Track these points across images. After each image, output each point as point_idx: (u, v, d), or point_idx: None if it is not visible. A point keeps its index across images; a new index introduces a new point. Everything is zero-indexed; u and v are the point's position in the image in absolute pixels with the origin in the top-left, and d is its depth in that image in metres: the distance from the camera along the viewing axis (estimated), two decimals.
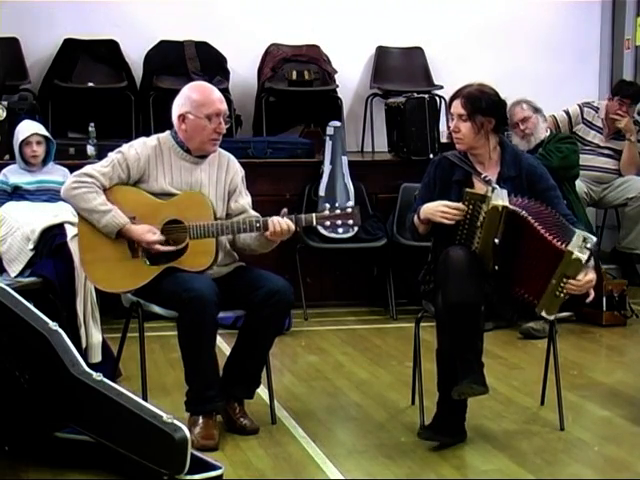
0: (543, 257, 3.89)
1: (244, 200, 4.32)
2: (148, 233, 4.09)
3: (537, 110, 6.22)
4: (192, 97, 4.18)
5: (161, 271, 4.10)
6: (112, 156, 4.19)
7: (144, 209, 4.14)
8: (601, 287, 6.18)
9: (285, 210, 4.14)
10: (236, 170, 4.34)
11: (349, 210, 4.11)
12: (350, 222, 4.11)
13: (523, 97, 6.22)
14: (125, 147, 4.22)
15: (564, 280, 3.86)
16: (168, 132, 4.27)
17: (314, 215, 4.14)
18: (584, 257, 3.84)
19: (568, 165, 6.17)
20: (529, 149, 5.95)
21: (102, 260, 4.14)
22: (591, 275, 3.91)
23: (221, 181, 4.27)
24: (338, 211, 4.10)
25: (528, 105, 6.20)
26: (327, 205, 4.13)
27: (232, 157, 4.37)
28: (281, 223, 4.07)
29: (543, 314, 3.95)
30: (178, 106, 4.21)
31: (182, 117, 4.17)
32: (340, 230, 4.18)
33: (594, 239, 3.93)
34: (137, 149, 4.19)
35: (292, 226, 4.09)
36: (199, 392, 4.07)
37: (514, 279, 3.96)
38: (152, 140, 4.24)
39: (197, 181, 4.20)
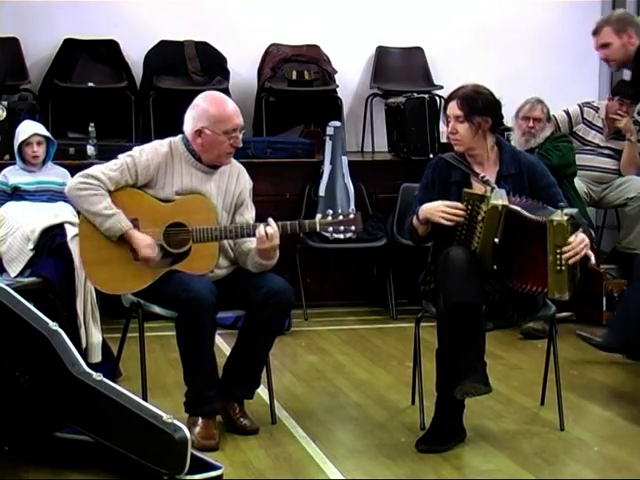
0: (536, 243, 3.90)
1: (249, 214, 4.29)
2: (147, 248, 4.06)
3: (549, 119, 6.36)
4: (209, 112, 4.13)
5: (163, 273, 4.09)
6: (122, 160, 4.14)
7: (147, 211, 4.12)
8: (601, 287, 6.20)
9: (270, 219, 4.10)
10: (245, 183, 4.31)
11: (352, 216, 4.10)
12: (352, 228, 4.11)
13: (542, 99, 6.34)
14: (136, 151, 4.17)
15: (558, 251, 3.86)
16: (180, 137, 4.22)
17: (317, 221, 4.11)
18: (564, 219, 3.86)
19: (566, 163, 6.28)
20: (524, 149, 5.97)
21: (104, 262, 4.12)
22: (582, 235, 3.90)
23: (229, 192, 4.24)
24: (341, 217, 4.09)
25: (546, 110, 6.33)
26: (330, 211, 4.13)
27: (243, 168, 4.34)
28: (266, 229, 4.04)
29: (556, 297, 3.93)
30: (194, 119, 4.15)
31: (199, 132, 4.12)
32: (342, 236, 4.18)
33: (574, 209, 3.97)
34: (148, 155, 4.14)
35: (273, 232, 4.04)
36: (198, 392, 4.07)
37: (515, 275, 3.97)
38: (164, 146, 4.19)
39: (207, 191, 4.17)
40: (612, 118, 7.01)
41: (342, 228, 4.10)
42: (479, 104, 4.08)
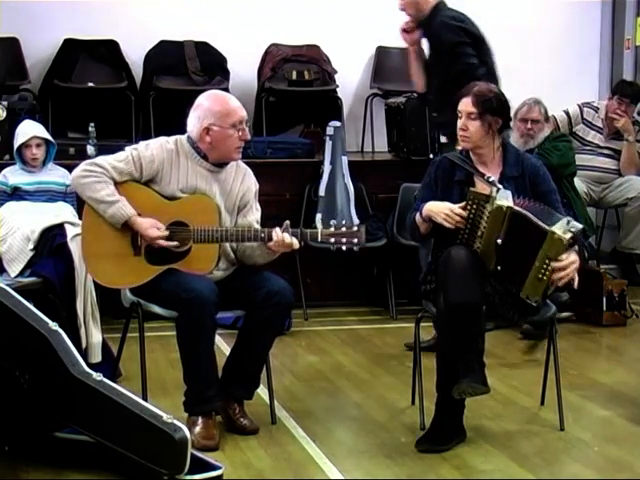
0: (531, 246, 3.89)
1: (253, 217, 4.29)
2: (152, 228, 4.07)
3: (547, 119, 6.35)
4: (214, 108, 4.14)
5: (161, 271, 4.09)
6: (128, 152, 4.15)
7: (150, 208, 4.12)
8: (601, 287, 6.20)
9: (287, 222, 4.10)
10: (250, 185, 4.31)
11: (355, 229, 4.07)
12: (355, 241, 4.06)
13: (541, 99, 6.33)
14: (142, 145, 4.18)
15: (547, 262, 3.86)
16: (185, 136, 4.22)
17: (320, 231, 4.09)
18: (566, 237, 3.84)
19: (566, 162, 6.28)
20: (523, 150, 5.97)
21: (104, 255, 4.13)
22: (574, 257, 3.89)
23: (233, 194, 4.24)
24: (344, 229, 4.07)
25: (544, 110, 6.31)
26: (333, 221, 4.11)
27: (249, 170, 4.34)
28: (285, 237, 4.04)
29: (527, 299, 3.94)
30: (199, 119, 4.15)
31: (206, 130, 4.13)
32: (343, 248, 4.13)
33: (579, 225, 3.94)
34: (154, 151, 4.15)
35: (296, 243, 4.06)
36: (197, 392, 4.07)
37: (514, 276, 3.97)
38: (170, 143, 4.20)
39: (211, 190, 4.17)
40: (611, 117, 7.03)
41: (344, 240, 4.06)
42: (493, 103, 4.08)
